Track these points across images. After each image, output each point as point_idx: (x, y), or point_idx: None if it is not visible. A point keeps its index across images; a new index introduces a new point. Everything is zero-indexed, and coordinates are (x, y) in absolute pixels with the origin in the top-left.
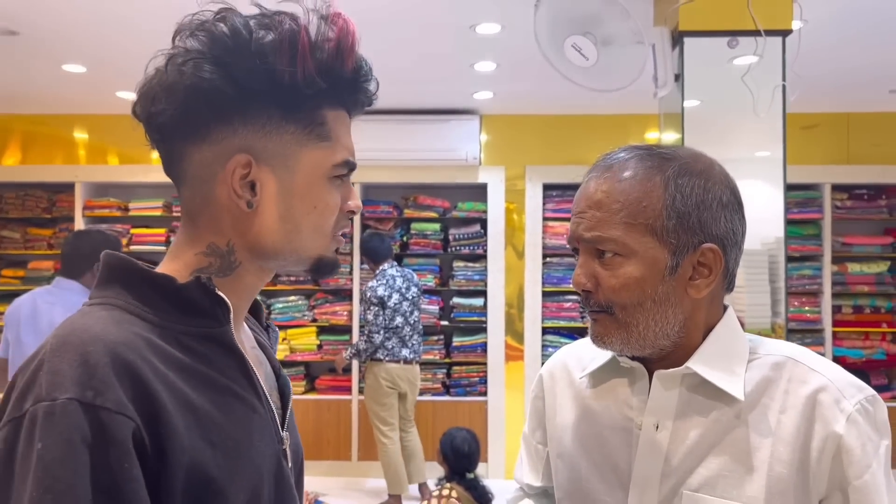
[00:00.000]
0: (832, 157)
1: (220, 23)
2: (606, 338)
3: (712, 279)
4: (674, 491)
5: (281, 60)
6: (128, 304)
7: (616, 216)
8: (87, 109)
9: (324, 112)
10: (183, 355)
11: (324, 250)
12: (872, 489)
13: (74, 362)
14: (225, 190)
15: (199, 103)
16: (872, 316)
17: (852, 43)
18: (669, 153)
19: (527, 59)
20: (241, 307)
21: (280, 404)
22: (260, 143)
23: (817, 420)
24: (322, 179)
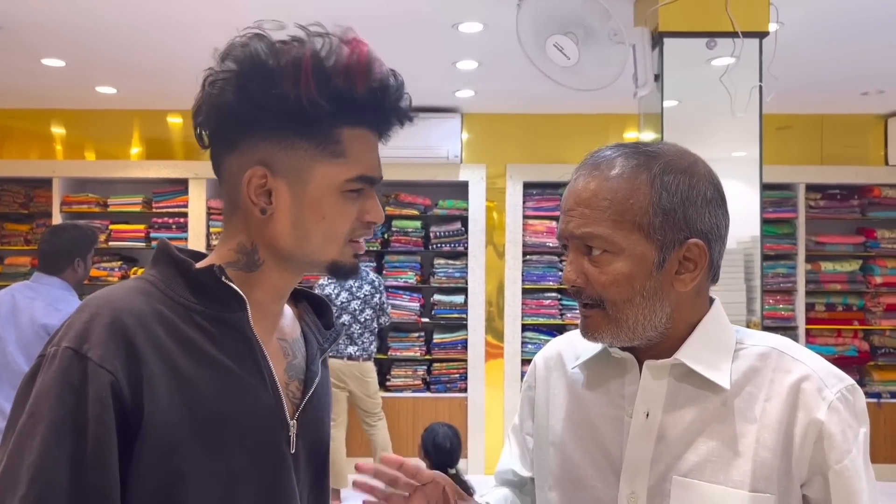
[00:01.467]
0: (806, 158)
1: (244, 48)
2: (597, 332)
3: (697, 273)
4: (664, 476)
5: (286, 84)
6: (157, 282)
7: (604, 213)
8: (65, 104)
9: (340, 130)
10: (191, 331)
11: (337, 255)
12: (852, 473)
13: (84, 320)
14: (245, 196)
15: (224, 119)
16: (844, 313)
17: (826, 46)
18: (655, 150)
19: (508, 58)
20: (266, 301)
21: (299, 395)
22: (276, 156)
23: (800, 407)
24: (333, 193)
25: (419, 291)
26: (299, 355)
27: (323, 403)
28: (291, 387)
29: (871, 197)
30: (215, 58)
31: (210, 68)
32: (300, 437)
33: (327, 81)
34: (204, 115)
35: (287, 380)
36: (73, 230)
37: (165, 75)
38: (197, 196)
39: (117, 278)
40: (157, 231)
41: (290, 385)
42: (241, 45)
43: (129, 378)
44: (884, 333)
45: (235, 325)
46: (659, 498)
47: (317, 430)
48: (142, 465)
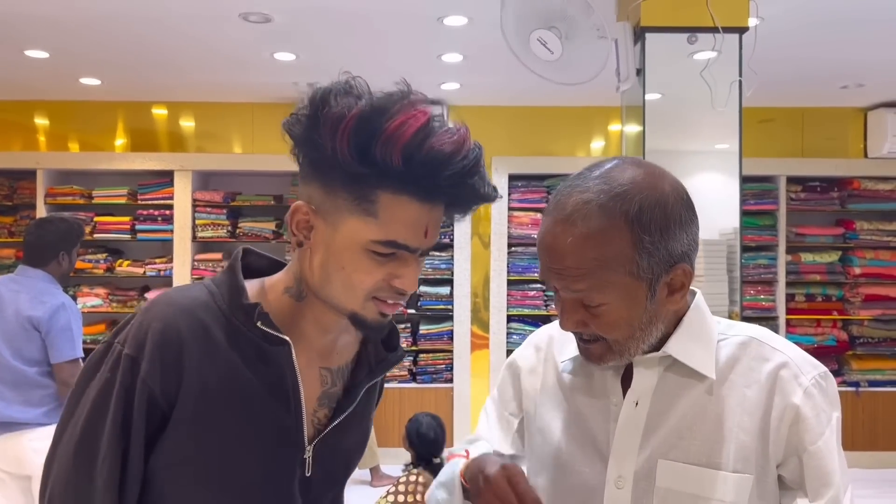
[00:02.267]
0: (787, 151)
1: (316, 91)
2: (601, 360)
3: (686, 290)
4: (650, 460)
5: (325, 135)
6: (218, 295)
7: (596, 273)
8: (49, 96)
9: (379, 192)
10: (233, 353)
11: (358, 309)
12: (825, 453)
13: (144, 327)
14: (290, 224)
15: (294, 151)
16: (824, 304)
17: (806, 40)
18: (625, 188)
19: (493, 52)
20: (311, 333)
21: (325, 422)
22: (321, 197)
23: (777, 393)
24: (357, 248)
25: None
26: (339, 384)
27: (352, 431)
28: (319, 413)
29: (851, 189)
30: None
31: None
32: (317, 462)
33: (365, 145)
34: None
35: (317, 407)
36: (59, 223)
37: (150, 67)
38: (182, 188)
39: (102, 270)
40: (143, 223)
41: (319, 412)
42: (317, 87)
43: (165, 391)
44: (862, 323)
45: (275, 357)
46: (645, 481)
47: (339, 456)
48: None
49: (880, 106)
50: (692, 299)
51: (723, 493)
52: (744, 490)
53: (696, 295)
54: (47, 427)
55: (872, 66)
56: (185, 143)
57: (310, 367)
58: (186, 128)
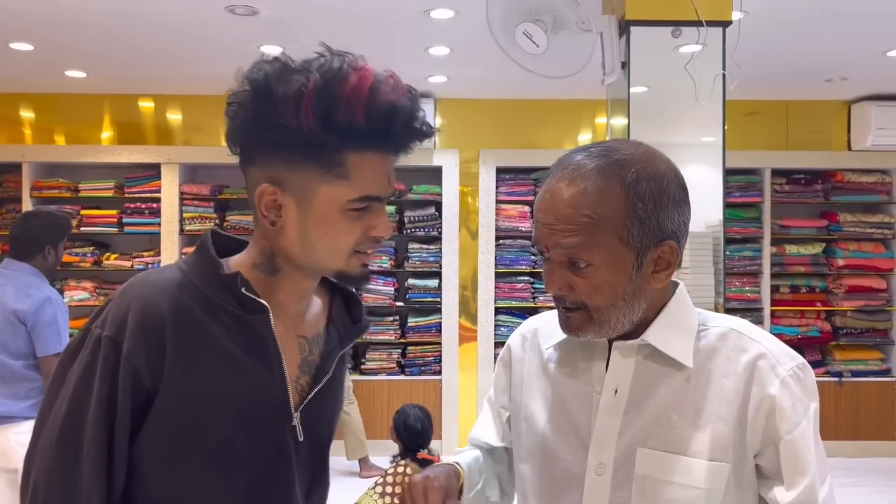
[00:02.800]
0: (772, 143)
1: (258, 72)
2: (580, 331)
3: (672, 270)
4: (629, 447)
5: (288, 114)
6: (192, 273)
7: (586, 229)
8: (34, 88)
9: (345, 154)
10: (214, 326)
11: (343, 266)
12: (801, 443)
13: (122, 309)
14: (257, 209)
15: (241, 137)
16: (808, 295)
17: (790, 34)
18: (626, 158)
19: (480, 45)
20: (287, 301)
21: (308, 389)
22: (286, 175)
23: (755, 383)
24: (336, 212)
25: (393, 276)
26: (316, 352)
27: (331, 399)
28: (302, 381)
29: (835, 181)
30: (237, 77)
31: (231, 88)
32: (304, 428)
33: (328, 113)
34: (228, 131)
35: (299, 374)
36: (45, 217)
37: (136, 60)
38: (170, 181)
39: (89, 264)
40: (130, 216)
41: (301, 379)
42: (256, 69)
43: (150, 370)
44: (845, 314)
45: (256, 326)
46: (625, 468)
47: (320, 423)
48: (148, 441)
49: (864, 99)
50: (675, 290)
51: (699, 480)
52: (720, 478)
53: (678, 286)
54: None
55: (856, 59)
56: (172, 136)
57: (288, 336)
58: (173, 120)
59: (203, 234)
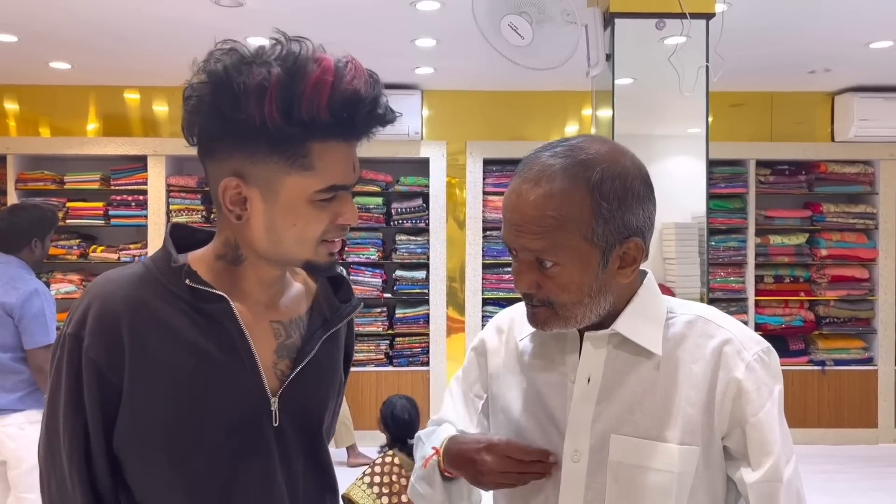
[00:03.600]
0: (757, 135)
1: (216, 63)
2: (546, 325)
3: (637, 265)
4: (603, 434)
5: (252, 107)
6: (154, 269)
7: (552, 230)
8: (18, 80)
9: (309, 145)
10: (176, 318)
11: (311, 256)
12: (766, 425)
13: (83, 308)
14: (222, 203)
15: (200, 131)
16: (791, 285)
17: (773, 26)
18: (590, 157)
19: (467, 36)
20: (253, 290)
21: (288, 372)
22: (249, 167)
23: (721, 368)
24: (303, 202)
25: (381, 267)
26: (295, 335)
27: (318, 379)
28: (280, 365)
29: (818, 172)
30: (193, 69)
31: (188, 80)
32: (284, 412)
33: (290, 106)
34: (186, 124)
35: (276, 359)
36: (32, 210)
37: (121, 51)
38: (156, 173)
39: (76, 256)
40: (116, 209)
41: (280, 364)
42: (215, 61)
43: (111, 364)
44: (828, 304)
45: (217, 315)
46: (599, 454)
47: (307, 404)
48: (122, 433)
49: (847, 90)
50: (643, 279)
51: (671, 464)
52: (691, 461)
53: (647, 275)
54: (21, 413)
55: (839, 51)
56: (159, 128)
57: (259, 322)
58: (159, 112)
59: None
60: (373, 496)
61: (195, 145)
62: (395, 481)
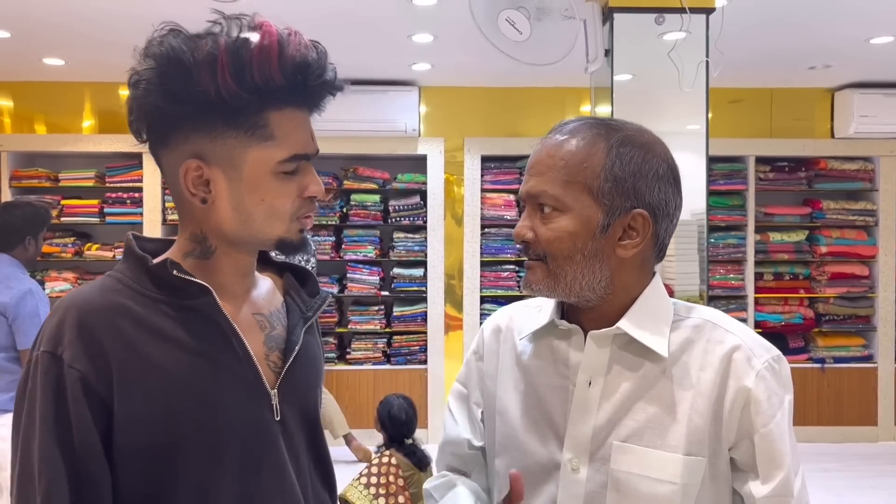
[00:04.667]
0: (756, 131)
1: (161, 45)
2: (535, 284)
3: (639, 242)
4: (604, 441)
5: (204, 79)
6: (124, 277)
7: (558, 173)
8: (11, 76)
9: (266, 115)
10: (159, 320)
11: (283, 233)
12: (776, 436)
13: (54, 324)
14: (184, 189)
15: (153, 118)
16: (791, 282)
17: (773, 21)
18: (617, 124)
19: (464, 32)
20: (229, 282)
21: (280, 364)
22: (208, 147)
23: (731, 376)
24: (268, 175)
25: (379, 265)
26: (279, 326)
27: (308, 369)
28: (272, 357)
29: (818, 169)
30: (136, 56)
31: (133, 68)
32: (284, 404)
33: (243, 72)
34: (135, 114)
35: (267, 351)
36: (25, 208)
37: (115, 47)
38: (152, 171)
39: (70, 255)
40: (112, 206)
41: (271, 356)
42: (158, 43)
43: (98, 373)
44: (828, 301)
45: (202, 310)
46: (599, 462)
47: (302, 395)
48: (124, 447)
49: (847, 87)
50: (651, 279)
51: (675, 475)
52: (696, 472)
53: (654, 275)
54: None
55: (839, 47)
56: None
57: (242, 315)
58: None
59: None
60: (369, 497)
61: (145, 141)
62: (392, 482)
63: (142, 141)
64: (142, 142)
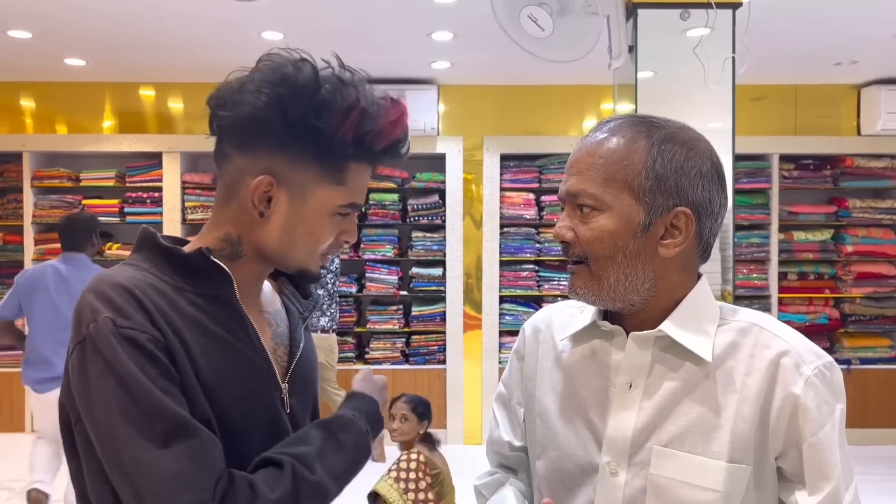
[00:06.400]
0: (780, 129)
1: (300, 68)
2: (580, 289)
3: (682, 241)
4: (644, 445)
5: (331, 122)
6: (148, 266)
7: (598, 172)
8: (33, 77)
9: (348, 163)
10: (188, 307)
11: (310, 265)
12: (826, 446)
13: (103, 299)
14: (247, 196)
15: (250, 123)
16: (816, 282)
17: (800, 17)
18: (660, 122)
19: (484, 30)
20: (245, 283)
21: (287, 360)
22: (286, 170)
23: (778, 382)
24: (326, 214)
25: (397, 264)
26: (282, 324)
27: (309, 367)
28: (279, 352)
29: (844, 167)
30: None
31: (251, 70)
32: (293, 397)
33: (365, 133)
34: (230, 111)
35: (274, 346)
36: (82, 214)
37: (135, 48)
38: (171, 170)
39: None
40: (132, 206)
41: (278, 351)
42: (295, 64)
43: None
44: (854, 301)
45: (223, 300)
46: (639, 467)
47: (307, 390)
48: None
49: (874, 83)
50: (696, 281)
51: (718, 483)
52: (740, 481)
53: (701, 278)
54: None
55: (867, 42)
56: (174, 125)
57: (253, 312)
58: (174, 109)
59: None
60: (399, 491)
61: (215, 133)
62: (421, 478)
63: (212, 132)
64: (212, 133)
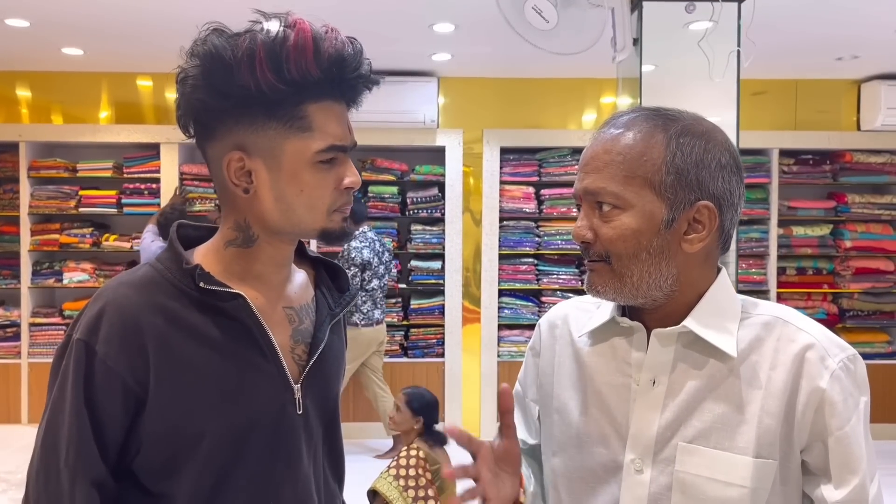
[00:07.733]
0: (780, 123)
1: (204, 44)
2: (601, 287)
3: (706, 235)
4: (669, 442)
5: (245, 75)
6: (163, 269)
7: (617, 169)
8: (30, 66)
9: (304, 107)
10: (192, 317)
11: (325, 223)
12: (852, 439)
13: (94, 314)
14: (227, 179)
15: (199, 112)
16: (815, 277)
17: (802, 11)
18: (675, 114)
19: (485, 21)
20: (267, 271)
21: (305, 358)
22: (250, 139)
23: (804, 376)
24: (306, 165)
25: (396, 257)
26: (307, 321)
27: (331, 365)
28: (298, 350)
29: (843, 162)
30: (182, 55)
31: (180, 66)
32: (307, 398)
33: (280, 67)
34: (183, 110)
35: (293, 344)
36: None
37: (133, 37)
38: (169, 161)
39: (88, 245)
40: (129, 197)
41: (297, 349)
42: (202, 42)
43: (134, 372)
44: (852, 297)
45: (233, 311)
46: (664, 463)
47: (324, 391)
48: (152, 433)
49: (874, 78)
50: (717, 275)
51: (745, 479)
52: (767, 476)
53: (721, 271)
54: None
55: (868, 37)
56: (172, 116)
57: (273, 309)
58: (172, 99)
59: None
60: (399, 488)
61: (192, 136)
62: (421, 475)
63: (189, 136)
64: (189, 137)
